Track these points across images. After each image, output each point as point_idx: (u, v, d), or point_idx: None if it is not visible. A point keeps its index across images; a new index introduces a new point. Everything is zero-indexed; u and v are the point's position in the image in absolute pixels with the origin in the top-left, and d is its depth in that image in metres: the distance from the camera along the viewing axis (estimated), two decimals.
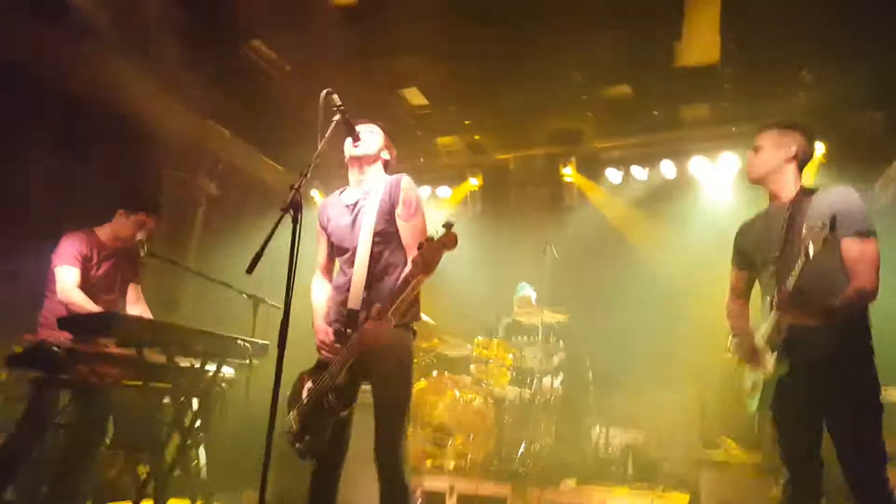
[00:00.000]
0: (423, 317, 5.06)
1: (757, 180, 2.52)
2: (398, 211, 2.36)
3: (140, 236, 3.36)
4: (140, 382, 2.96)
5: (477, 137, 6.20)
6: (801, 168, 2.48)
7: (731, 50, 4.42)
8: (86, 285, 3.20)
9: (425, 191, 6.60)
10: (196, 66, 4.51)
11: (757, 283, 2.56)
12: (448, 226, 1.98)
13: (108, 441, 3.28)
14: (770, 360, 2.26)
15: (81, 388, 3.01)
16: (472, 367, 5.13)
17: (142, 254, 3.35)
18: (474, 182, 6.46)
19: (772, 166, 2.46)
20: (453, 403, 4.97)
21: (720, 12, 4.06)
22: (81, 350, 2.80)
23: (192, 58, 4.41)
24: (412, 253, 2.13)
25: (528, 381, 5.00)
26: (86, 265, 3.25)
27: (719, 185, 5.46)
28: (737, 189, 5.26)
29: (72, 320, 2.84)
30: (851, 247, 2.19)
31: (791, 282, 2.13)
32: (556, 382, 5.11)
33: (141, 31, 4.12)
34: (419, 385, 5.10)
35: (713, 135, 5.49)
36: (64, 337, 2.87)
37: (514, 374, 5.05)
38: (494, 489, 4.22)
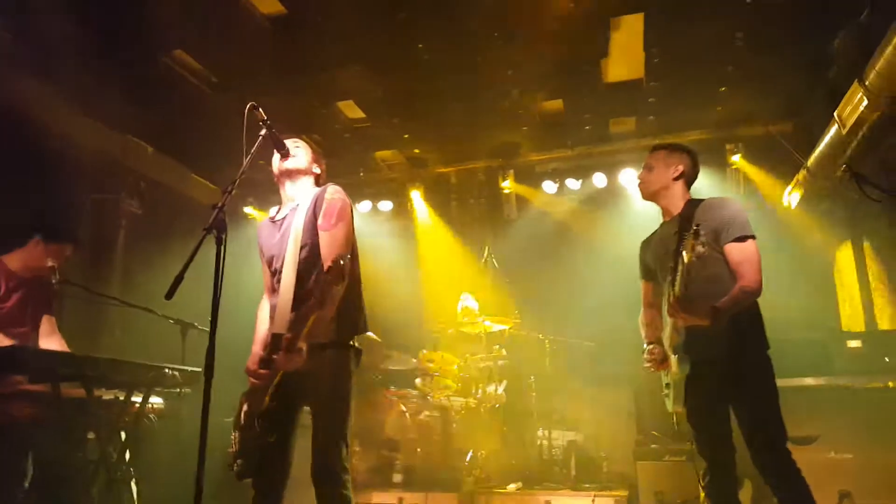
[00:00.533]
0: (369, 333, 5.06)
1: (650, 197, 2.72)
2: (319, 221, 2.24)
3: (50, 263, 3.11)
4: (58, 420, 2.75)
5: (417, 151, 6.22)
6: (688, 185, 2.69)
7: (655, 65, 4.67)
8: None
9: (366, 205, 6.55)
10: (111, 79, 4.23)
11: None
12: (336, 260, 1.94)
13: (26, 485, 3.01)
14: (674, 361, 2.43)
15: None
16: (417, 380, 5.12)
17: (54, 281, 3.10)
18: (415, 195, 6.47)
19: (662, 184, 2.66)
20: (399, 418, 4.94)
21: (643, 30, 4.27)
22: None
23: (106, 70, 4.13)
24: (325, 268, 2.03)
25: (474, 391, 5.03)
26: None
27: None
28: None
29: None
30: (733, 250, 2.39)
31: (677, 288, 2.29)
32: (500, 389, 5.17)
33: (49, 44, 3.82)
34: (364, 402, 5.02)
35: (638, 146, 5.77)
36: None
37: (459, 384, 5.07)
38: (442, 499, 4.24)
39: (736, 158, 5.50)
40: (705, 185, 4.43)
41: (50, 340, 3.24)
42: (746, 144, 5.51)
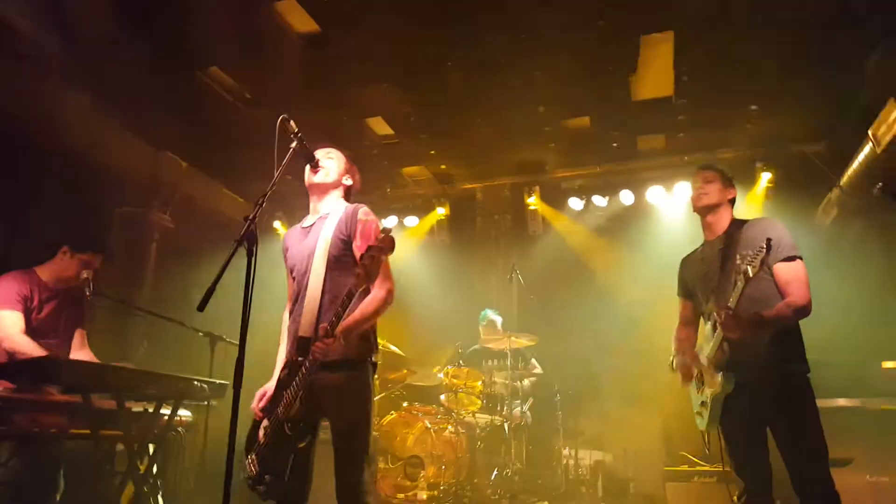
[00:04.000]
0: (393, 348, 5.05)
1: (704, 210, 2.68)
2: (356, 243, 2.26)
3: (85, 275, 3.14)
4: (88, 431, 2.77)
5: (443, 167, 6.24)
6: (731, 209, 2.72)
7: (684, 83, 4.62)
8: (29, 330, 2.99)
9: (392, 220, 6.58)
10: (149, 95, 4.35)
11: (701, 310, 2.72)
12: (385, 231, 1.98)
13: (58, 497, 3.03)
14: (717, 378, 2.39)
15: (24, 440, 2.79)
16: (442, 396, 5.07)
17: (88, 294, 3.15)
18: (441, 211, 6.48)
19: (719, 199, 2.67)
20: (424, 434, 4.89)
21: (673, 48, 4.24)
22: (19, 399, 2.61)
23: (144, 86, 4.26)
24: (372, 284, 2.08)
25: (499, 408, 4.96)
26: (27, 307, 3.04)
27: (675, 213, 5.64)
28: (692, 217, 5.45)
29: (9, 368, 2.66)
30: (783, 270, 2.40)
31: (733, 301, 2.28)
32: (526, 407, 5.09)
33: (90, 59, 3.94)
34: (389, 418, 4.99)
35: (668, 164, 5.70)
36: (2, 386, 2.67)
37: (484, 401, 5.01)
38: None
39: (766, 177, 5.38)
40: (736, 203, 4.33)
41: (80, 353, 3.28)
42: (777, 163, 5.40)
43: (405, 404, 5.21)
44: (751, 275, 2.20)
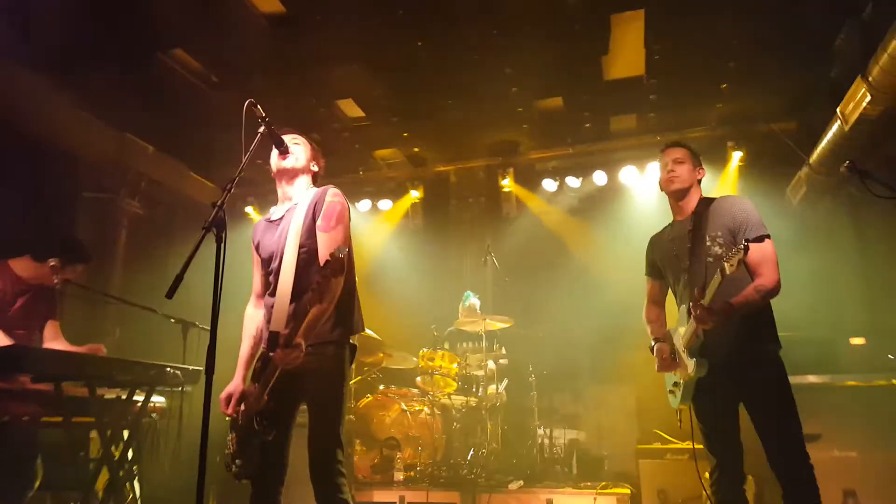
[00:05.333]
0: (368, 332, 5.06)
1: (676, 192, 2.64)
2: (318, 222, 2.26)
3: (57, 280, 3.12)
4: (61, 419, 2.77)
5: (416, 150, 6.21)
6: (700, 188, 2.70)
7: (655, 62, 4.66)
8: (0, 323, 2.95)
9: (365, 204, 6.54)
10: (113, 78, 4.23)
11: (671, 290, 2.74)
12: (339, 251, 1.94)
13: (37, 484, 3.02)
14: (691, 363, 2.42)
15: None
16: (418, 378, 5.12)
17: (56, 280, 3.11)
18: (415, 194, 6.46)
19: (690, 181, 2.64)
20: (400, 417, 4.94)
21: (644, 27, 4.26)
22: None
23: (107, 69, 4.14)
24: (324, 260, 2.06)
25: (474, 389, 5.03)
26: (0, 300, 3.00)
27: (648, 193, 5.73)
28: (665, 197, 5.54)
29: None
30: (752, 251, 2.35)
31: (708, 296, 2.27)
32: (501, 388, 5.17)
33: (49, 43, 3.81)
34: (365, 401, 5.03)
35: (640, 143, 5.76)
36: None
37: (459, 382, 5.07)
38: (444, 496, 4.24)
39: (737, 156, 5.49)
40: (707, 182, 4.42)
41: (54, 344, 3.24)
42: (748, 142, 5.50)
43: (381, 387, 5.25)
44: (727, 272, 2.16)
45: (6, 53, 3.86)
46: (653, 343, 2.69)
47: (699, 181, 2.68)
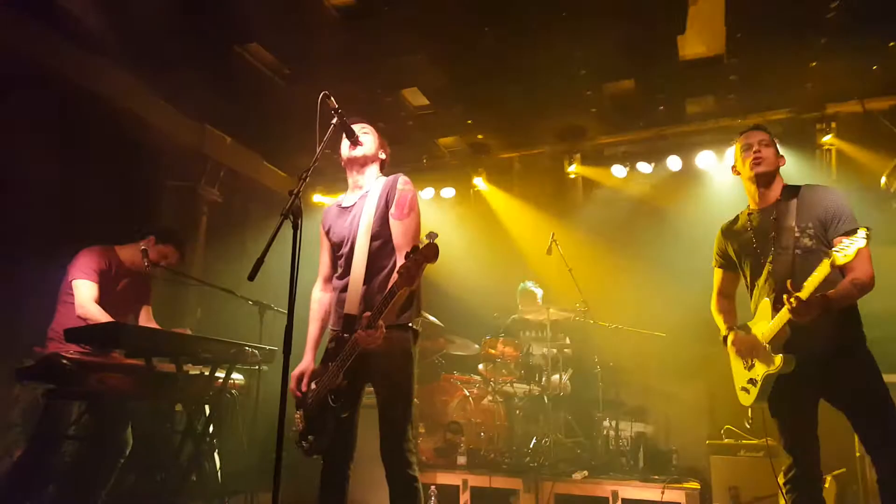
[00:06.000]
0: (431, 318, 5.13)
1: (765, 175, 2.50)
2: (391, 210, 2.33)
3: (163, 263, 3.46)
4: (150, 392, 2.98)
5: (480, 137, 6.17)
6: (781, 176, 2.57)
7: (737, 40, 4.36)
8: (101, 302, 3.20)
9: (429, 192, 6.59)
10: (192, 71, 4.46)
11: (743, 281, 2.62)
12: (430, 237, 1.97)
13: (128, 452, 3.29)
14: (776, 359, 2.31)
15: (93, 400, 3.03)
16: (480, 366, 5.14)
17: (146, 263, 3.35)
18: (478, 182, 6.44)
19: (776, 166, 2.52)
20: (462, 402, 4.99)
21: (724, 3, 4.00)
22: (90, 361, 2.83)
23: (187, 62, 4.36)
24: (402, 254, 2.13)
25: (537, 378, 5.00)
26: (104, 281, 3.27)
27: (726, 179, 5.41)
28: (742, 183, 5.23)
29: (80, 332, 2.85)
30: None
31: (807, 291, 2.14)
32: (565, 378, 5.10)
33: (134, 36, 4.07)
34: (427, 385, 5.11)
35: (719, 127, 5.45)
36: (73, 349, 2.89)
37: (522, 371, 5.05)
38: (506, 482, 4.25)
39: (827, 138, 5.08)
40: (793, 168, 4.08)
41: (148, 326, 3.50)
42: (839, 124, 5.07)
43: (443, 373, 5.32)
44: (838, 264, 2.05)
45: (93, 47, 4.14)
46: (726, 334, 2.58)
47: (780, 167, 2.55)
